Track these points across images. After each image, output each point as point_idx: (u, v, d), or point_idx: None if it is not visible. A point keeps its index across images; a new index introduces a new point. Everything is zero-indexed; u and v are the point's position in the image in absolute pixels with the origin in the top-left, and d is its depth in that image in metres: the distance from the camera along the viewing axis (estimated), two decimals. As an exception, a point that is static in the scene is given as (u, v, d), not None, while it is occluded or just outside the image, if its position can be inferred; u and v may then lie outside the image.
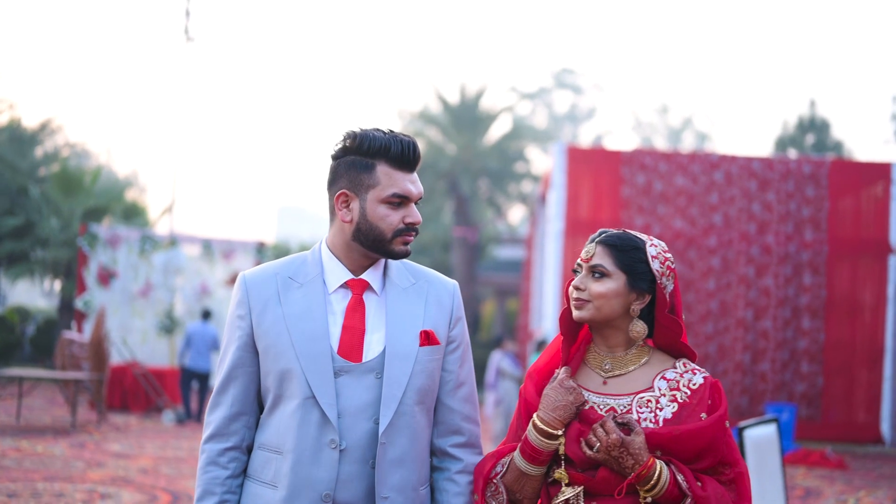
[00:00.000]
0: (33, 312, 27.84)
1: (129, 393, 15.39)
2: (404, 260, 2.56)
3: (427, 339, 2.47)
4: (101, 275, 18.40)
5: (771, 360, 14.46)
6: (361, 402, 2.38)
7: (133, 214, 24.29)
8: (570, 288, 2.43)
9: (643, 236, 2.44)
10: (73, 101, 75.71)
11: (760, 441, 5.08)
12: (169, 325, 18.26)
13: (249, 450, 2.48)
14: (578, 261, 2.45)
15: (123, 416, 14.49)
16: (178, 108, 50.34)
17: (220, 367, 2.50)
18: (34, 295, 43.64)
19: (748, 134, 76.12)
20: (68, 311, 22.48)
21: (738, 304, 14.46)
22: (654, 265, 2.38)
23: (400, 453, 2.39)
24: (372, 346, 2.43)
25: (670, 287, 2.40)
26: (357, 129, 2.44)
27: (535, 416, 2.36)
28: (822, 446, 13.08)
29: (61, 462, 9.56)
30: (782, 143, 32.97)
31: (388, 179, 2.39)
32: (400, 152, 2.40)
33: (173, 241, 19.07)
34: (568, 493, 2.33)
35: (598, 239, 2.44)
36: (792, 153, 31.83)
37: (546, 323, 14.63)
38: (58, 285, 34.21)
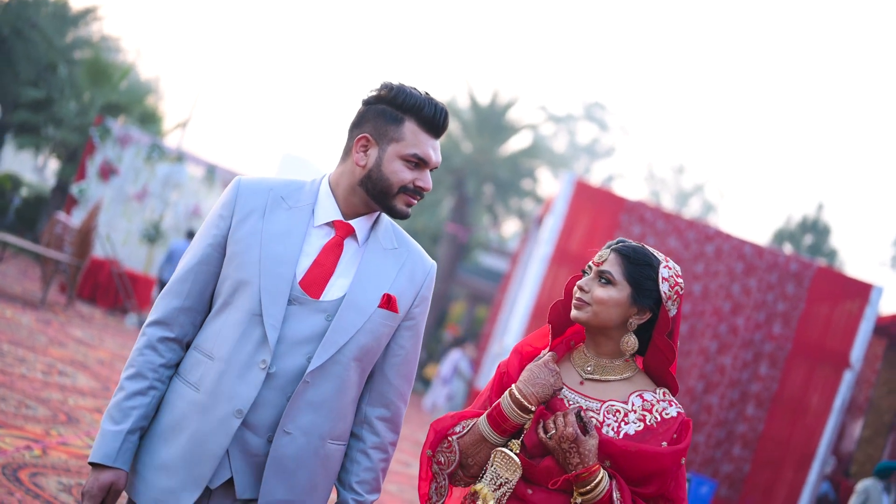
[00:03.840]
0: (25, 183, 28.05)
1: (101, 287, 15.74)
2: (396, 224, 2.56)
3: (388, 303, 2.45)
4: (104, 169, 18.67)
5: (707, 435, 14.89)
6: (303, 336, 2.36)
7: (149, 120, 24.53)
8: (575, 287, 2.43)
9: (660, 256, 2.41)
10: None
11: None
12: (153, 235, 18.55)
13: (188, 346, 2.46)
14: (590, 263, 2.44)
15: (90, 308, 14.84)
16: (215, 29, 50.43)
17: (186, 256, 2.47)
18: (25, 168, 43.72)
19: (751, 218, 76.74)
20: (61, 194, 22.76)
21: (692, 372, 14.88)
22: (663, 287, 2.36)
23: (320, 398, 2.37)
24: (333, 289, 2.40)
25: (674, 311, 2.36)
26: (395, 82, 2.42)
27: (513, 386, 2.36)
28: (731, 527, 13.55)
29: (27, 331, 9.92)
30: (780, 236, 33.53)
31: (414, 138, 2.39)
32: (432, 115, 2.40)
33: (180, 157, 19.32)
34: (515, 447, 2.35)
35: (614, 246, 2.43)
36: (787, 248, 32.37)
37: (508, 338, 15.01)
38: (54, 165, 34.32)
